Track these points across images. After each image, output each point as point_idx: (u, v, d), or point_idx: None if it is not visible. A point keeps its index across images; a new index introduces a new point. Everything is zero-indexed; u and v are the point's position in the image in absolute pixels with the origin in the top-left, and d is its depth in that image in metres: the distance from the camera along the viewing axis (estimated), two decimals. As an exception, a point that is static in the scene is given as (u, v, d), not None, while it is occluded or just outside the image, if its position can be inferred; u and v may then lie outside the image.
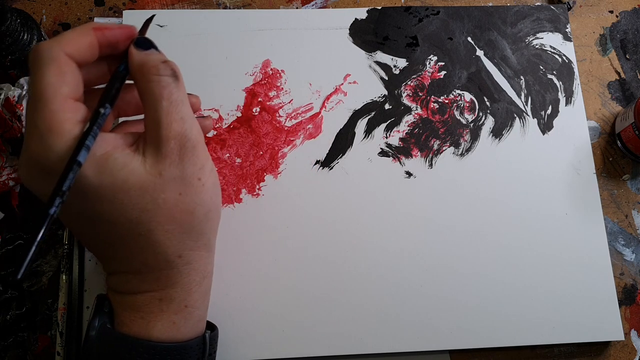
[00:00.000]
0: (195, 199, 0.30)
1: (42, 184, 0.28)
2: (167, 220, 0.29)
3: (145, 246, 0.30)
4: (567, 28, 0.48)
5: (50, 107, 0.27)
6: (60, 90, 0.27)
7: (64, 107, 0.27)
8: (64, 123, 0.27)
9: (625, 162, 0.47)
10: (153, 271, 0.30)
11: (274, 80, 0.45)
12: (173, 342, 0.31)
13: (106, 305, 0.31)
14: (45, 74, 0.27)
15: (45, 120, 0.27)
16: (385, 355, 0.40)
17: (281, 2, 0.49)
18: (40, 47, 0.28)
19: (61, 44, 0.28)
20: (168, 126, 0.29)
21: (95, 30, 0.30)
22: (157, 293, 0.31)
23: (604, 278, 0.42)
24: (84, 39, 0.29)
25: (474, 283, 0.41)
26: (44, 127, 0.27)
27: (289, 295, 0.40)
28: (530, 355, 0.42)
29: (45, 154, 0.27)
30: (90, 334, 0.29)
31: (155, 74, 0.30)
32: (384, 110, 0.45)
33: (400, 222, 0.42)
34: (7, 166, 0.41)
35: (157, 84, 0.29)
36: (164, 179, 0.29)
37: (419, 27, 0.47)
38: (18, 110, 0.41)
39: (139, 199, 0.28)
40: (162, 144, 0.29)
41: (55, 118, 0.27)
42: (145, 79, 0.30)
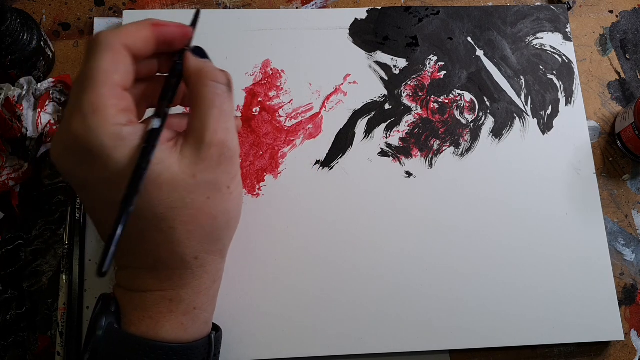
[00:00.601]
0: (221, 206, 0.31)
1: (72, 161, 0.29)
2: (191, 221, 0.30)
3: (164, 243, 0.30)
4: (567, 28, 0.48)
5: (99, 90, 0.28)
6: (112, 76, 0.28)
7: (112, 94, 0.28)
8: (109, 108, 0.28)
9: (625, 162, 0.47)
10: (167, 269, 0.31)
11: (274, 80, 0.45)
12: (180, 343, 0.31)
13: (112, 304, 0.31)
14: (100, 59, 0.28)
15: (91, 102, 0.28)
16: (385, 355, 0.40)
17: (281, 2, 0.49)
18: (100, 35, 0.29)
19: (120, 34, 0.29)
20: (214, 133, 0.30)
21: (153, 26, 0.31)
22: (167, 292, 0.31)
23: (604, 278, 0.42)
24: (141, 32, 0.30)
25: (474, 283, 0.41)
26: (89, 109, 0.28)
27: (289, 295, 0.40)
28: (530, 355, 0.42)
29: (85, 134, 0.27)
30: (97, 334, 0.29)
31: (212, 79, 0.31)
32: (384, 110, 0.45)
33: (400, 222, 0.42)
34: (7, 166, 0.41)
35: (212, 89, 0.30)
36: (197, 181, 0.29)
37: (419, 27, 0.47)
38: (18, 110, 0.41)
39: (168, 195, 0.29)
40: (204, 148, 0.30)
41: (101, 102, 0.28)
42: (201, 82, 0.31)
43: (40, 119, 0.42)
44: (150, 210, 0.29)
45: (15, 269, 0.40)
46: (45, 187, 0.42)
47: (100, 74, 0.28)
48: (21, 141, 0.41)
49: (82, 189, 0.30)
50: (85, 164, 0.28)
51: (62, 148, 0.29)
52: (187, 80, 0.32)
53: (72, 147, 0.28)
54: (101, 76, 0.28)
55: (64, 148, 0.29)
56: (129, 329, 0.30)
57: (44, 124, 0.42)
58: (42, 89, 0.43)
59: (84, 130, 0.27)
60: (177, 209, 0.29)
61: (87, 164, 0.28)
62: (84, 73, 0.29)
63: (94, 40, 0.29)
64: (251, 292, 0.40)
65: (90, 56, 0.29)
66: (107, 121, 0.28)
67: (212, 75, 0.31)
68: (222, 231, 0.32)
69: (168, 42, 0.32)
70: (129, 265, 0.31)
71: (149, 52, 0.31)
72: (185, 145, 0.30)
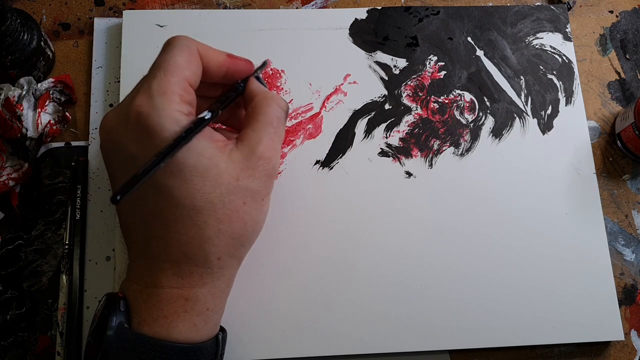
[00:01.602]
0: (253, 214, 0.33)
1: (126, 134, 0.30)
2: (224, 221, 0.31)
3: (195, 237, 0.31)
4: (567, 28, 0.48)
5: (170, 78, 0.30)
6: (183, 70, 0.31)
7: (181, 84, 0.30)
8: (175, 94, 0.30)
9: (625, 162, 0.47)
10: (190, 265, 0.31)
11: (274, 80, 0.45)
12: (191, 343, 0.31)
13: (121, 304, 0.31)
14: (176, 54, 0.31)
15: (161, 85, 0.30)
16: (385, 355, 0.40)
17: (281, 2, 0.49)
18: (180, 37, 0.32)
19: (199, 44, 0.32)
20: (266, 148, 0.32)
21: (229, 56, 0.34)
22: (185, 290, 0.31)
23: (604, 278, 0.42)
24: (218, 56, 0.33)
25: (474, 283, 0.41)
26: (157, 90, 0.30)
27: (289, 295, 0.40)
28: (530, 355, 0.42)
29: (148, 111, 0.29)
30: (108, 334, 0.29)
31: (276, 103, 0.34)
32: (384, 110, 0.45)
33: (400, 222, 0.42)
34: (7, 166, 0.41)
35: (274, 110, 0.34)
36: (239, 184, 0.31)
37: (419, 27, 0.47)
38: (18, 110, 0.41)
39: (210, 189, 0.30)
40: (254, 158, 0.32)
41: (169, 87, 0.30)
42: (266, 102, 0.34)
43: (40, 119, 0.42)
44: (190, 200, 0.30)
45: (15, 269, 0.40)
46: (45, 187, 0.42)
47: (173, 65, 0.30)
48: (21, 141, 0.41)
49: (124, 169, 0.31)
50: (139, 140, 0.30)
51: (117, 123, 0.31)
52: (249, 98, 0.34)
53: (131, 122, 0.30)
54: (173, 67, 0.30)
55: (121, 123, 0.30)
56: (141, 328, 0.30)
57: (44, 124, 0.42)
58: (42, 89, 0.43)
59: (148, 107, 0.29)
60: (214, 205, 0.30)
61: (141, 141, 0.29)
62: (157, 63, 0.31)
63: (173, 40, 0.32)
64: (251, 292, 0.40)
65: (167, 50, 0.31)
66: (171, 105, 0.29)
67: (277, 99, 0.34)
68: (247, 238, 0.33)
69: (233, 74, 0.35)
70: (153, 255, 0.31)
71: (217, 77, 0.34)
72: (235, 150, 0.32)
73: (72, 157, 0.43)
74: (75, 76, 0.45)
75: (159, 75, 0.30)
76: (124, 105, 0.31)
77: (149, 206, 0.31)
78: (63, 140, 0.43)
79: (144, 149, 0.29)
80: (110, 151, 0.32)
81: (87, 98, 0.44)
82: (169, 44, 0.32)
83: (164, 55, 0.31)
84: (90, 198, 0.42)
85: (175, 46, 0.31)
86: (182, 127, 0.29)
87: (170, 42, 0.32)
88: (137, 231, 0.32)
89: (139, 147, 0.30)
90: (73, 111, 0.44)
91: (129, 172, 0.29)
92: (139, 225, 0.32)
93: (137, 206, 0.32)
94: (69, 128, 0.44)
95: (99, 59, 0.45)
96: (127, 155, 0.30)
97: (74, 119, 0.44)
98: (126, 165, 0.31)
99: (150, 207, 0.31)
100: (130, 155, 0.30)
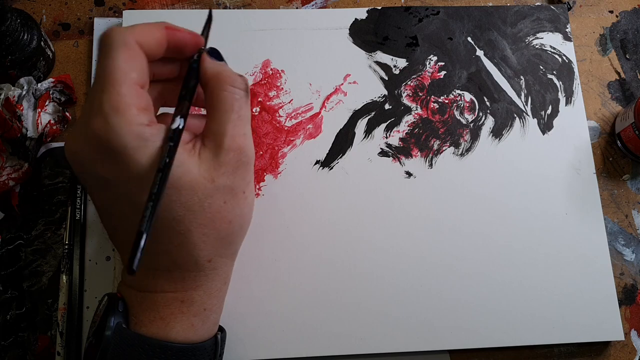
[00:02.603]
0: (237, 210, 0.31)
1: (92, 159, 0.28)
2: (207, 224, 0.30)
3: (180, 245, 0.30)
4: (567, 28, 0.48)
5: (119, 89, 0.28)
6: (129, 75, 0.28)
7: (131, 92, 0.28)
8: (130, 107, 0.28)
9: (625, 162, 0.47)
10: (181, 271, 0.31)
11: (274, 80, 0.45)
12: (189, 343, 0.31)
13: (120, 304, 0.31)
14: (116, 57, 0.28)
15: (112, 102, 0.27)
16: (385, 355, 0.40)
17: (281, 2, 0.49)
18: (113, 32, 0.29)
19: (134, 32, 0.29)
20: (232, 138, 0.30)
21: (166, 28, 0.31)
22: (179, 294, 0.31)
23: (604, 278, 0.42)
24: (155, 33, 0.30)
25: (473, 283, 0.41)
26: (109, 108, 0.27)
27: (288, 295, 0.40)
28: (530, 355, 0.42)
29: (107, 134, 0.27)
30: (106, 334, 0.29)
31: (230, 84, 0.31)
32: (384, 110, 0.45)
33: (400, 222, 0.42)
34: (7, 166, 0.41)
35: (230, 94, 0.30)
36: (215, 185, 0.30)
37: (419, 27, 0.47)
38: (18, 110, 0.41)
39: (187, 198, 0.29)
40: (223, 153, 0.30)
41: (122, 101, 0.27)
42: (219, 87, 0.31)
43: (40, 119, 0.42)
44: (168, 212, 0.29)
45: (15, 269, 0.40)
46: (45, 187, 0.42)
47: (117, 73, 0.28)
48: (21, 141, 0.41)
49: (99, 188, 0.30)
50: (106, 163, 0.28)
51: (80, 146, 0.29)
52: (204, 83, 0.32)
53: (92, 146, 0.28)
54: (119, 75, 0.28)
55: (84, 146, 0.28)
56: (139, 329, 0.30)
57: (44, 124, 0.42)
58: (42, 89, 0.43)
59: (106, 131, 0.27)
60: (194, 212, 0.29)
61: (108, 164, 0.28)
62: (101, 72, 0.28)
63: (107, 37, 0.29)
64: (251, 292, 0.40)
65: (106, 54, 0.29)
66: (130, 121, 0.27)
67: (230, 80, 0.31)
68: (236, 235, 0.32)
69: (179, 47, 0.32)
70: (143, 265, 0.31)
71: (160, 54, 0.31)
72: (203, 148, 0.30)
73: (72, 157, 0.43)
74: (75, 76, 0.45)
75: (107, 89, 0.28)
76: (82, 125, 0.29)
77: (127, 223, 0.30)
78: (63, 140, 0.43)
79: (113, 171, 0.28)
80: (80, 173, 0.30)
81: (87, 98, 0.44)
82: (104, 45, 0.29)
83: (105, 61, 0.28)
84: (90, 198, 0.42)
85: (112, 48, 0.28)
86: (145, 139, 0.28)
87: (106, 43, 0.29)
88: (124, 244, 0.32)
89: (107, 169, 0.28)
90: (73, 111, 0.44)
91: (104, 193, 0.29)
92: (123, 239, 0.31)
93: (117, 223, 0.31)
94: (68, 128, 0.44)
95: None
96: (98, 177, 0.29)
97: (74, 119, 0.44)
98: (100, 187, 0.30)
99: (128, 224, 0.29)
100: (101, 178, 0.29)
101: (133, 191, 0.28)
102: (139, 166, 0.28)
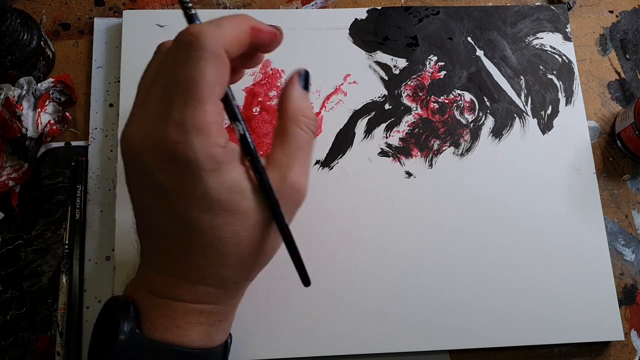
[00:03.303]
0: (275, 244, 0.32)
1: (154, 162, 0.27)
2: (247, 251, 0.30)
3: (215, 264, 0.30)
4: (567, 28, 0.48)
5: (204, 107, 0.27)
6: (215, 90, 0.27)
7: (214, 110, 0.27)
8: (211, 127, 0.27)
9: (625, 162, 0.47)
10: (207, 286, 0.30)
11: (274, 80, 0.45)
12: (202, 349, 0.31)
13: (132, 309, 0.30)
14: (206, 71, 0.27)
15: (195, 119, 0.26)
16: (385, 355, 0.40)
17: (281, 2, 0.49)
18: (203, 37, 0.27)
19: (223, 38, 0.28)
20: (297, 176, 0.30)
21: (252, 29, 0.30)
22: (200, 306, 0.30)
23: (604, 278, 0.42)
24: (242, 36, 0.29)
25: (474, 283, 0.41)
26: (191, 125, 0.26)
27: (288, 295, 0.40)
28: (530, 355, 0.42)
29: (184, 150, 0.26)
30: (120, 338, 0.28)
31: (306, 125, 0.31)
32: (384, 110, 0.45)
33: (400, 222, 0.42)
34: (7, 166, 0.41)
35: (304, 134, 0.31)
36: (266, 217, 0.30)
37: (419, 27, 0.47)
38: (18, 110, 0.41)
39: (239, 223, 0.29)
40: (285, 187, 0.30)
41: (205, 119, 0.27)
42: (298, 122, 0.31)
43: (40, 119, 0.42)
44: (217, 232, 0.28)
45: (15, 269, 0.40)
46: (45, 187, 0.42)
47: (204, 88, 0.26)
48: (21, 141, 0.41)
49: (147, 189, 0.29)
50: (170, 173, 0.27)
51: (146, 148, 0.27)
52: (284, 107, 0.32)
53: (161, 153, 0.27)
54: (205, 91, 0.26)
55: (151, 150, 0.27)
56: (152, 334, 0.29)
57: (44, 124, 0.42)
58: (42, 89, 0.43)
59: (184, 147, 0.26)
60: (240, 238, 0.29)
61: (172, 175, 0.27)
62: (185, 80, 0.27)
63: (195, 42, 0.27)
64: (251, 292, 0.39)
65: (193, 63, 0.27)
66: (209, 143, 0.27)
67: (307, 122, 0.31)
68: (263, 265, 0.32)
69: (256, 46, 0.31)
70: (171, 272, 0.30)
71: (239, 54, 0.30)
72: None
73: (72, 157, 0.43)
74: (75, 76, 0.45)
75: (191, 104, 0.26)
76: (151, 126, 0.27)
77: (174, 231, 0.29)
78: (63, 140, 0.43)
79: (174, 182, 0.28)
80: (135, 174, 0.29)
81: (87, 98, 0.44)
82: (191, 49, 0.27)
83: (191, 72, 0.26)
84: (90, 198, 0.42)
85: (201, 58, 0.27)
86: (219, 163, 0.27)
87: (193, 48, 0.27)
88: (156, 246, 0.31)
89: (168, 178, 0.28)
90: (73, 111, 0.44)
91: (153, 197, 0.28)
92: (159, 242, 0.30)
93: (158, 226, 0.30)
94: (69, 128, 0.44)
95: (98, 59, 0.45)
96: (154, 182, 0.28)
97: (74, 119, 0.44)
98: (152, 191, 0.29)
99: (175, 232, 0.29)
100: (157, 184, 0.28)
101: (185, 206, 0.28)
102: (205, 187, 0.27)
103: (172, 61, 0.28)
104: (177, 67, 0.27)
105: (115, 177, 0.42)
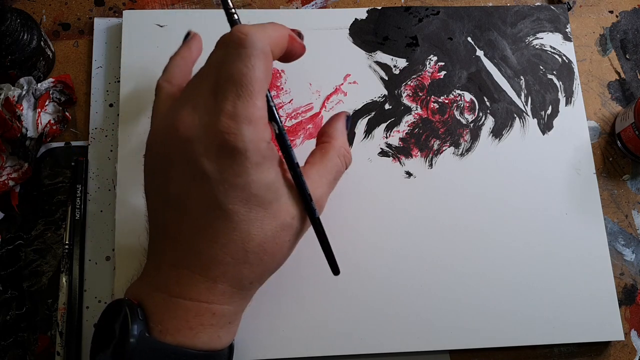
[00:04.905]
0: (292, 250, 0.34)
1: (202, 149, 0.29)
2: (269, 253, 0.31)
3: (239, 260, 0.30)
4: (567, 28, 0.48)
5: (255, 101, 0.29)
6: (264, 86, 0.29)
7: (264, 105, 0.29)
8: (260, 121, 0.29)
9: (625, 162, 0.47)
10: (223, 285, 0.31)
11: (274, 80, 0.45)
12: (211, 351, 0.31)
13: (139, 312, 0.29)
14: (257, 67, 0.29)
15: (248, 112, 0.28)
16: (385, 355, 0.40)
17: (281, 2, 0.49)
18: (253, 36, 0.29)
19: (270, 39, 0.30)
20: (322, 195, 0.34)
21: (291, 38, 0.33)
22: (213, 306, 0.30)
23: (604, 278, 0.42)
24: (282, 40, 0.32)
25: (474, 283, 0.41)
26: (244, 118, 0.28)
27: (288, 296, 0.40)
28: (530, 355, 0.42)
29: (235, 141, 0.28)
30: (131, 342, 0.28)
31: (342, 156, 0.35)
32: (384, 110, 0.45)
33: (400, 222, 0.42)
34: (7, 166, 0.41)
35: (340, 163, 0.35)
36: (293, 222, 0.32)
37: (419, 27, 0.47)
38: (18, 110, 0.41)
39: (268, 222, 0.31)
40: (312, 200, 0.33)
41: (257, 114, 0.29)
42: (336, 151, 0.35)
43: (40, 119, 0.42)
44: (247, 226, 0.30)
45: (15, 269, 0.40)
46: (45, 187, 0.42)
47: (256, 84, 0.28)
48: (21, 141, 0.41)
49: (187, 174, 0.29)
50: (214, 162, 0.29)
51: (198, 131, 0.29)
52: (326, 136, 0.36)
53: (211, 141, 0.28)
54: (257, 86, 0.29)
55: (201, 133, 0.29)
56: (164, 337, 0.29)
57: (43, 124, 0.42)
58: (42, 89, 0.43)
59: (235, 138, 0.28)
60: (267, 237, 0.30)
61: (217, 164, 0.29)
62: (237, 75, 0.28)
63: (247, 40, 0.29)
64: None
65: (245, 60, 0.29)
66: (258, 137, 0.29)
67: (344, 153, 0.35)
68: (275, 269, 0.33)
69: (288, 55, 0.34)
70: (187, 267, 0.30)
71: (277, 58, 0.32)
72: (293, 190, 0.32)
73: (72, 157, 0.43)
74: (75, 76, 0.45)
75: (245, 98, 0.28)
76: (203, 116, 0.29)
77: (205, 223, 0.30)
78: (63, 140, 0.43)
79: (219, 171, 0.28)
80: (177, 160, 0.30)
81: (87, 98, 0.44)
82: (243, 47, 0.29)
83: (244, 68, 0.28)
84: (90, 198, 0.42)
85: (253, 55, 0.29)
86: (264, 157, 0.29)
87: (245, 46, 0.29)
88: (179, 240, 0.30)
89: (214, 166, 0.29)
90: (73, 111, 0.44)
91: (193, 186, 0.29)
92: (183, 234, 0.30)
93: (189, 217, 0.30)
94: (69, 128, 0.44)
95: (99, 59, 0.45)
96: (199, 170, 0.29)
97: (74, 119, 0.44)
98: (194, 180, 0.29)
99: (204, 222, 0.30)
100: (201, 172, 0.29)
101: (225, 195, 0.29)
102: (248, 179, 0.29)
103: (221, 58, 0.29)
104: (228, 63, 0.29)
105: (115, 177, 0.42)
